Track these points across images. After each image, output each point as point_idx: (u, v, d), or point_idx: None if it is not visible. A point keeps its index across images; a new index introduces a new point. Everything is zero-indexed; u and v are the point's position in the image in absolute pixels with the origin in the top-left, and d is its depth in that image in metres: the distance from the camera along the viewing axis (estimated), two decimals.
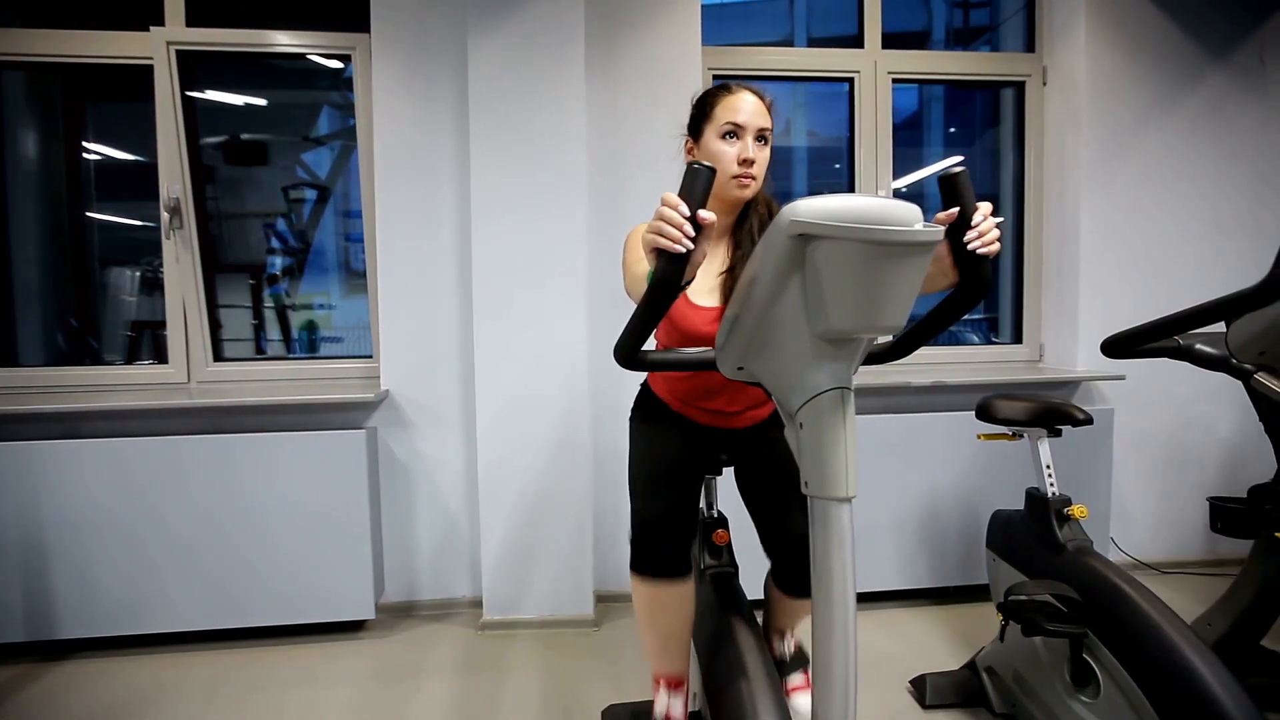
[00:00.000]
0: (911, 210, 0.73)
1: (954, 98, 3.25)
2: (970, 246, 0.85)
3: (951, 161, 3.07)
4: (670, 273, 0.82)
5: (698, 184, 0.80)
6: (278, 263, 2.84)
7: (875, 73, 2.64)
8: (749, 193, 1.22)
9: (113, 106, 2.73)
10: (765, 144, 1.24)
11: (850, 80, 2.66)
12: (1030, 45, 2.73)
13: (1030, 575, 1.68)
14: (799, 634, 1.53)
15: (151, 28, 2.25)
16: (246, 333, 2.76)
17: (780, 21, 3.75)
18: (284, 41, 2.34)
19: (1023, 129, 2.75)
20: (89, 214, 2.65)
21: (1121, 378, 2.45)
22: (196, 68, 2.40)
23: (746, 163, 1.19)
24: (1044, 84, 2.69)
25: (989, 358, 2.78)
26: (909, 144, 3.12)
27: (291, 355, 2.71)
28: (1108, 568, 1.51)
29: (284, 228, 2.92)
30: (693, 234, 0.80)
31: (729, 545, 1.51)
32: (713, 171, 0.81)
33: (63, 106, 2.64)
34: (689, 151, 1.31)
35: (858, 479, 0.84)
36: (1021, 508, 1.76)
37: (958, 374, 2.51)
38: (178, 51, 2.27)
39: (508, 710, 1.82)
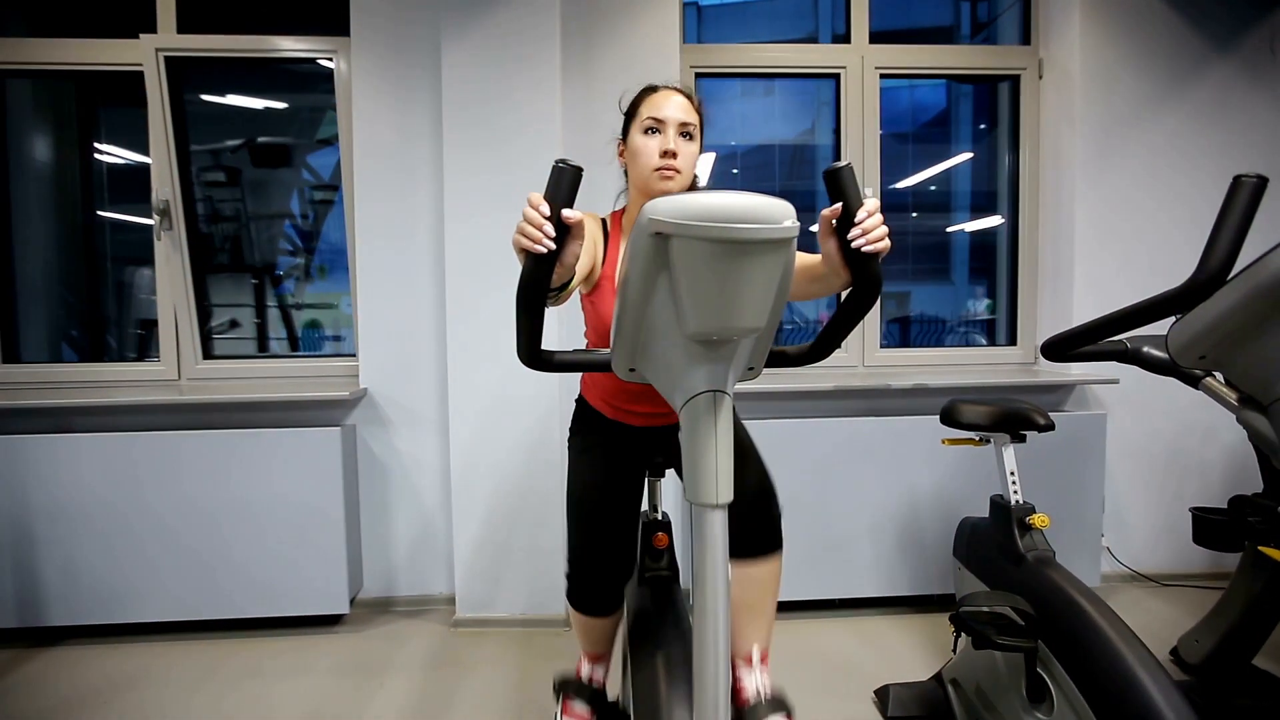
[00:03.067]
0: (774, 207, 0.70)
1: (982, 93, 3.16)
2: (855, 244, 0.82)
3: (964, 158, 2.98)
4: (535, 273, 0.81)
5: (562, 182, 0.79)
6: (293, 262, 2.91)
7: (862, 68, 2.58)
8: (673, 185, 1.21)
9: (125, 111, 2.83)
10: (691, 139, 1.22)
11: (836, 76, 2.62)
12: (1026, 37, 2.64)
13: (992, 585, 1.63)
14: (770, 676, 1.29)
15: (141, 35, 2.32)
16: (252, 330, 2.84)
17: (804, 18, 3.71)
18: (268, 47, 2.40)
19: (1018, 125, 2.66)
20: (102, 214, 2.75)
21: (1115, 381, 2.36)
22: (207, 74, 2.48)
23: (668, 154, 1.18)
24: (1040, 77, 2.60)
25: (982, 360, 2.70)
26: (937, 140, 3.05)
27: (280, 353, 2.76)
28: (1066, 580, 1.45)
29: (290, 228, 2.99)
30: (554, 234, 0.79)
31: (670, 548, 1.50)
32: (578, 170, 0.80)
33: (76, 111, 2.75)
34: (620, 155, 1.30)
35: (730, 486, 0.82)
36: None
37: (946, 376, 2.45)
38: (167, 58, 2.33)
39: (467, 707, 1.83)
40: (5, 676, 2.02)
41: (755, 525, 1.26)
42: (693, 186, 1.38)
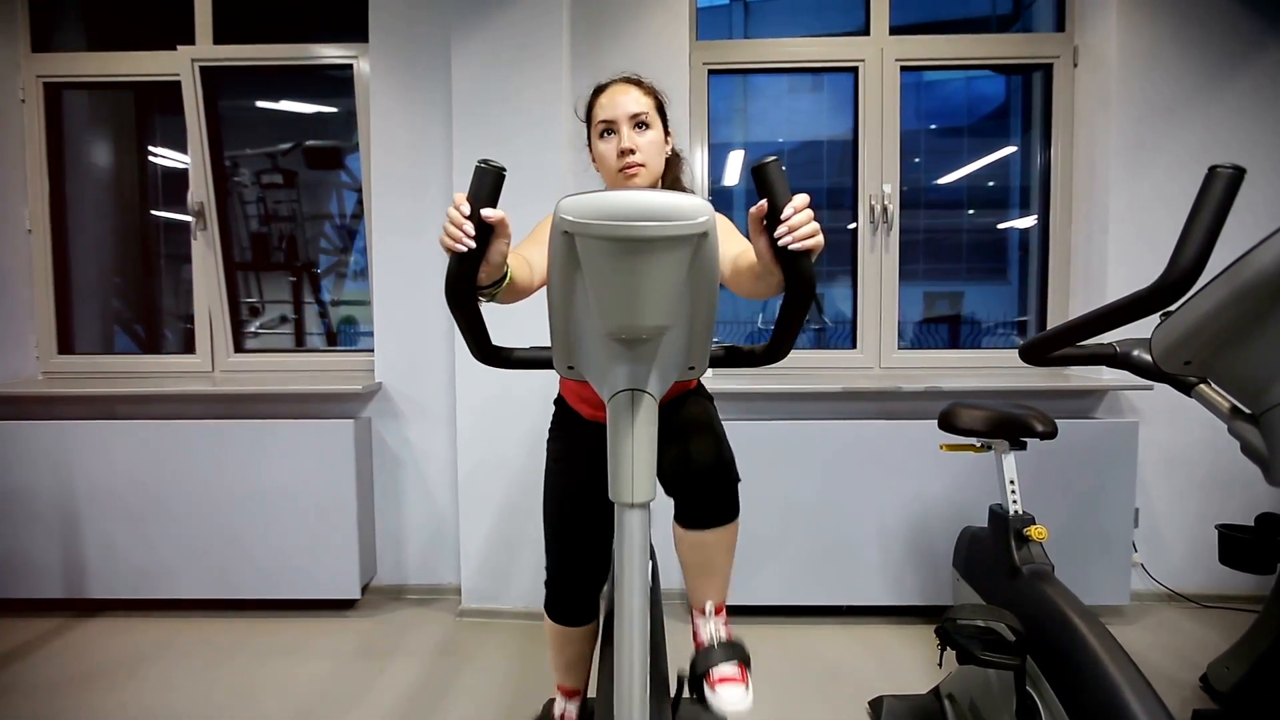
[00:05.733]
0: (678, 204, 0.69)
1: (1044, 85, 3.01)
2: (781, 242, 0.80)
3: (1006, 152, 2.84)
4: (459, 272, 0.82)
5: (484, 183, 0.80)
6: (332, 260, 3.04)
7: (881, 60, 2.51)
8: (641, 181, 1.20)
9: (179, 117, 3.00)
10: (648, 127, 1.21)
11: (855, 70, 2.55)
12: (1060, 24, 2.51)
13: (987, 598, 1.57)
14: (727, 625, 1.37)
15: (179, 47, 2.45)
16: (290, 325, 2.99)
17: (855, 11, 3.67)
18: (294, 54, 2.50)
19: (1050, 117, 2.53)
20: (156, 213, 2.91)
21: (1149, 388, 2.22)
22: (252, 82, 2.64)
23: (626, 153, 1.17)
24: (1074, 65, 2.47)
25: (1008, 362, 2.58)
26: (994, 134, 2.94)
27: (312, 348, 2.88)
28: (1061, 596, 1.38)
29: (330, 228, 3.13)
30: (474, 233, 0.80)
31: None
32: (500, 171, 0.81)
33: (135, 117, 2.94)
34: (594, 162, 1.31)
35: (650, 486, 0.81)
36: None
37: (966, 379, 2.35)
38: (202, 68, 2.46)
39: (463, 694, 1.87)
40: (51, 641, 2.19)
41: (711, 498, 1.26)
42: (673, 181, 1.37)
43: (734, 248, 1.06)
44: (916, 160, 2.86)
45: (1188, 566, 2.36)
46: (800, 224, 0.79)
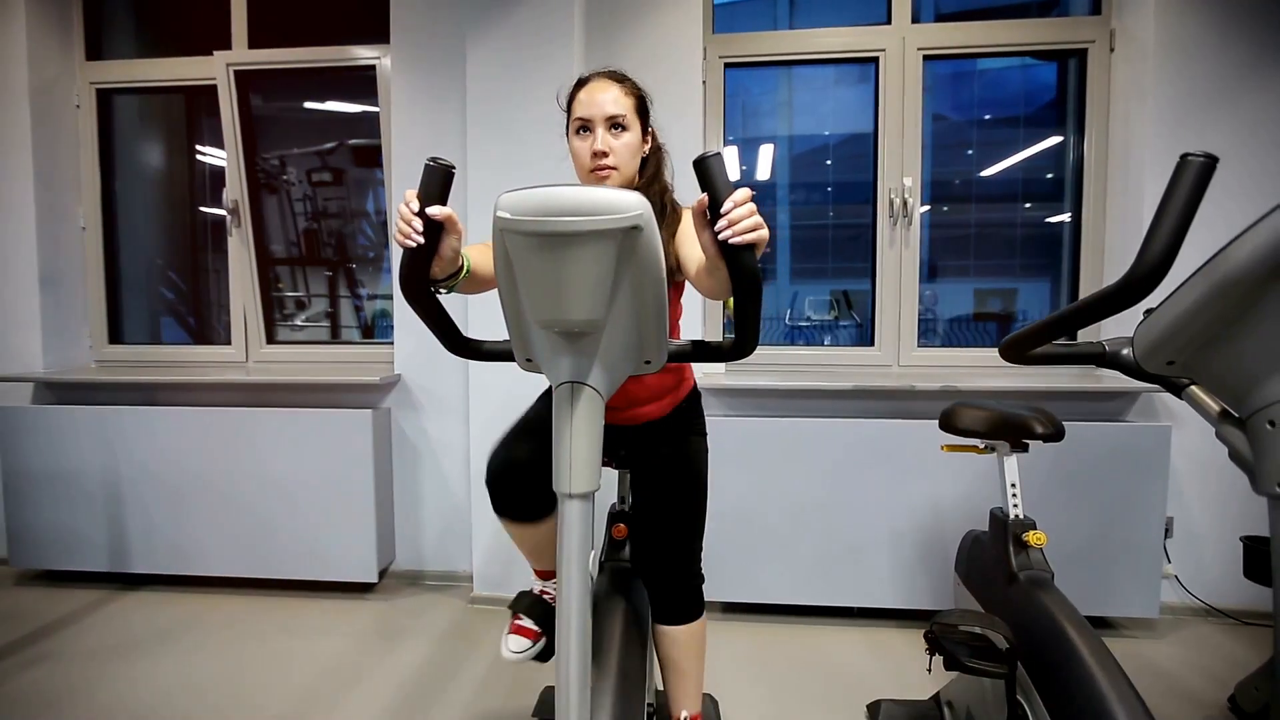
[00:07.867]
0: (604, 200, 0.70)
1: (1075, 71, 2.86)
2: (721, 236, 0.80)
3: (1050, 143, 2.69)
4: (411, 266, 0.85)
5: (432, 180, 0.83)
6: (368, 256, 3.15)
7: (903, 50, 2.44)
8: (613, 184, 1.20)
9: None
10: (624, 130, 1.20)
11: (875, 60, 2.48)
12: (1097, 7, 2.39)
13: (985, 604, 1.52)
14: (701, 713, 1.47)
15: (215, 52, 2.58)
16: (327, 319, 3.11)
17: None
18: (321, 56, 2.60)
19: (1084, 107, 2.41)
20: (204, 210, 3.07)
21: None
22: (291, 84, 2.76)
23: (599, 154, 1.18)
24: (1111, 50, 2.34)
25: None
26: (1049, 124, 2.83)
27: (344, 340, 2.99)
28: (1056, 605, 1.33)
29: (366, 225, 3.24)
30: (421, 229, 0.82)
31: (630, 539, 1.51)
32: (449, 169, 0.83)
33: (186, 119, 3.10)
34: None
35: (592, 477, 0.82)
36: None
37: (990, 379, 2.27)
38: (236, 71, 2.58)
39: (463, 677, 1.93)
40: (97, 611, 2.35)
41: (674, 595, 1.37)
42: (651, 178, 1.37)
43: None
44: (970, 152, 2.76)
45: (1224, 579, 2.23)
46: (740, 218, 0.79)
